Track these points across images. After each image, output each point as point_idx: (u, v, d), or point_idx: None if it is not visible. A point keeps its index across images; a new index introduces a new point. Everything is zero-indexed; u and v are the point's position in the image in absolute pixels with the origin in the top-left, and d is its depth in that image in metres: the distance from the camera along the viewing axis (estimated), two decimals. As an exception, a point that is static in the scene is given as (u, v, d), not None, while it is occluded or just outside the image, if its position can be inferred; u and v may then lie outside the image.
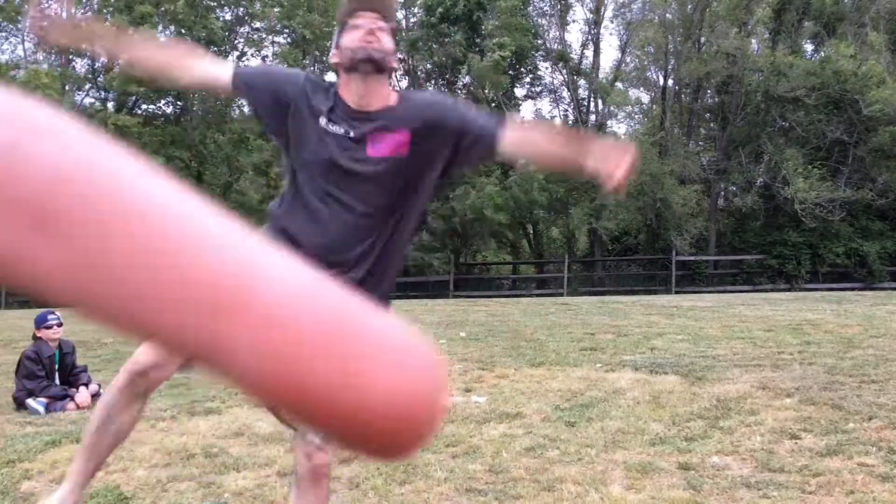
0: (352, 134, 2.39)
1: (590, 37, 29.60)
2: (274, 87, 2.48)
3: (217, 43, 27.87)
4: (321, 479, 2.48)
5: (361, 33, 2.34)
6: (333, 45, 2.47)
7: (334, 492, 3.86)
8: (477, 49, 26.01)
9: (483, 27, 26.19)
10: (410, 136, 2.39)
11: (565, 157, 2.40)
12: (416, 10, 30.01)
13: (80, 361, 6.65)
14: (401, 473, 4.08)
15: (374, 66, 2.37)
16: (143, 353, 2.40)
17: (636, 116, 32.37)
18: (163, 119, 28.53)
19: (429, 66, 28.79)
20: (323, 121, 2.41)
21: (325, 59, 29.28)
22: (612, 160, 2.26)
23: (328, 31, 28.20)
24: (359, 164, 2.38)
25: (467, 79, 26.76)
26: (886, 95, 22.82)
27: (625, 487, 3.80)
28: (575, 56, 29.66)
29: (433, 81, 29.31)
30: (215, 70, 2.55)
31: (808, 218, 23.85)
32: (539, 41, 28.77)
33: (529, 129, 2.55)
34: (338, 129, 2.40)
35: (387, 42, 2.39)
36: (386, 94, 2.45)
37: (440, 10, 26.86)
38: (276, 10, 27.32)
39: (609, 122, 30.12)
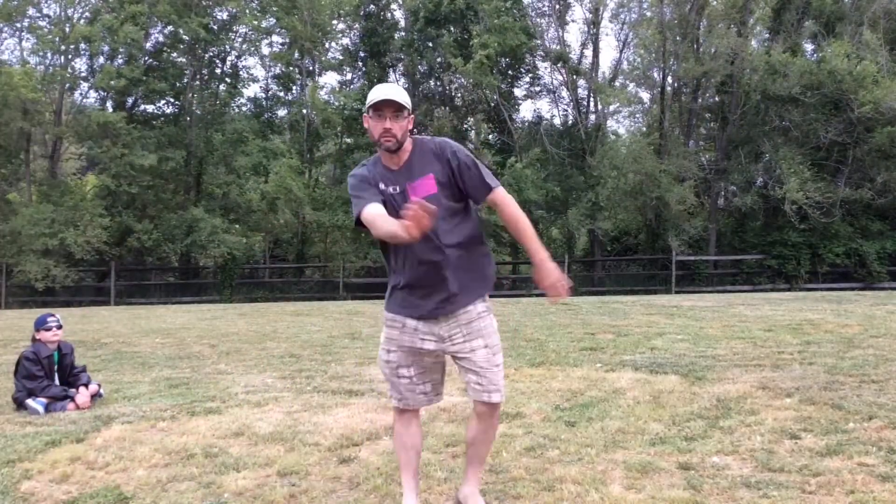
0: (398, 189, 3.30)
1: (589, 36, 29.61)
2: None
3: (210, 42, 27.84)
4: (494, 413, 3.49)
5: (381, 128, 3.21)
6: (365, 111, 3.28)
7: (333, 492, 3.87)
8: (466, 51, 26.00)
9: (472, 29, 26.11)
10: (434, 177, 3.28)
11: (525, 248, 3.32)
12: (400, 14, 30.06)
13: (80, 361, 6.64)
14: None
15: (392, 151, 3.27)
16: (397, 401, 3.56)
17: (636, 116, 32.38)
18: (161, 119, 28.51)
19: (422, 67, 28.74)
20: (381, 186, 3.32)
21: (323, 57, 29.30)
22: (553, 283, 3.23)
23: (328, 29, 28.26)
24: None
25: (463, 80, 26.73)
26: (879, 96, 22.74)
27: (625, 487, 3.80)
28: (574, 56, 29.64)
29: (431, 82, 29.31)
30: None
31: (796, 218, 23.82)
32: (535, 41, 28.70)
33: (514, 209, 3.35)
34: (391, 189, 3.31)
35: (399, 130, 3.23)
36: (406, 151, 3.33)
37: (423, 13, 26.84)
38: (273, 9, 27.33)
39: (608, 122, 30.11)
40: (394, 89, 3.26)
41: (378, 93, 3.23)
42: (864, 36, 24.47)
